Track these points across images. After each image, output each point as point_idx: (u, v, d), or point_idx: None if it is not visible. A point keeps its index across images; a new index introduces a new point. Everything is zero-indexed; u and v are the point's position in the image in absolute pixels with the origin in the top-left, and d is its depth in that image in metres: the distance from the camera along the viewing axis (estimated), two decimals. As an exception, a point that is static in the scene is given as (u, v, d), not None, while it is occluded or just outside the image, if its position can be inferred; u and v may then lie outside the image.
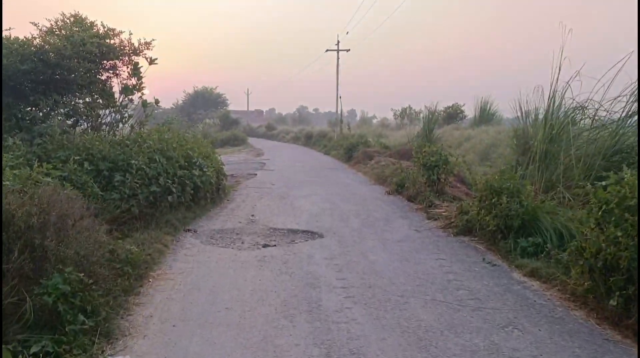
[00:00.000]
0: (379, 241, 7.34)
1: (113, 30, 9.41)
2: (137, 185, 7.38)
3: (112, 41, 9.60)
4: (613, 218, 4.31)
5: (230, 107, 74.73)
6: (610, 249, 4.24)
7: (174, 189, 7.96)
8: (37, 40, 8.18)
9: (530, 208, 6.72)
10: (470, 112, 33.95)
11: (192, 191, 8.67)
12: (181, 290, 5.18)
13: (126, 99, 10.21)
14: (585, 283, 4.66)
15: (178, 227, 7.74)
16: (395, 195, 11.94)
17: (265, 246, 7.15)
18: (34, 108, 8.29)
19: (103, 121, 9.91)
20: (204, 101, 63.95)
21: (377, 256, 6.51)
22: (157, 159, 7.97)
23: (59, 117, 8.51)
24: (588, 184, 5.58)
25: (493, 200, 6.91)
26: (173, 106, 71.61)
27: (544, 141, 8.49)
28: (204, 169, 9.03)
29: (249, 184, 14.16)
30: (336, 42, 33.33)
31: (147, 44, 9.98)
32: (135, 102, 10.61)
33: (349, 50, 33.31)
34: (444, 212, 9.00)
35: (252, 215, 9.37)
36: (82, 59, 8.63)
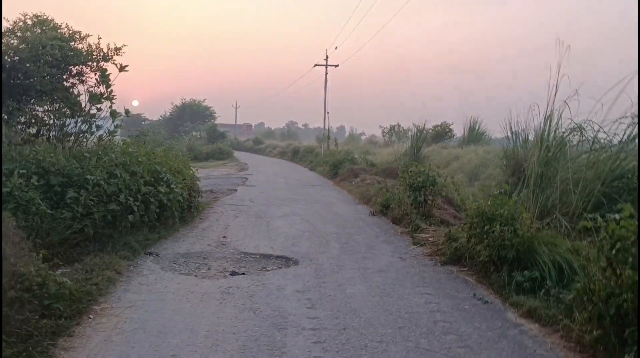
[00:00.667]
0: (359, 271, 6.63)
1: (79, 33, 8.72)
2: (93, 203, 6.63)
3: (78, 45, 8.92)
4: (630, 259, 3.65)
5: (219, 121, 73.99)
6: (628, 295, 3.58)
7: (135, 208, 7.21)
8: (-11, 40, 7.43)
9: (526, 237, 6.06)
10: (459, 131, 33.66)
11: (157, 210, 7.92)
12: (124, 329, 4.42)
13: (93, 107, 9.49)
14: (595, 332, 3.98)
15: (138, 250, 6.97)
16: (380, 216, 11.26)
17: (233, 274, 6.42)
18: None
19: (69, 131, 9.18)
20: (192, 114, 63.14)
21: (355, 289, 5.79)
22: (119, 175, 7.22)
23: (17, 126, 7.72)
24: (595, 215, 4.93)
25: (485, 228, 6.25)
26: (160, 117, 70.90)
27: (538, 163, 7.88)
28: (172, 186, 8.28)
29: (227, 201, 13.41)
30: (325, 57, 32.87)
31: (117, 50, 9.30)
32: (106, 112, 9.86)
33: (337, 65, 32.85)
34: (430, 237, 8.32)
35: (224, 236, 8.62)
36: (42, 63, 7.91)
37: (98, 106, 9.57)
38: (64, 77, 8.67)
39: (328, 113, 33.05)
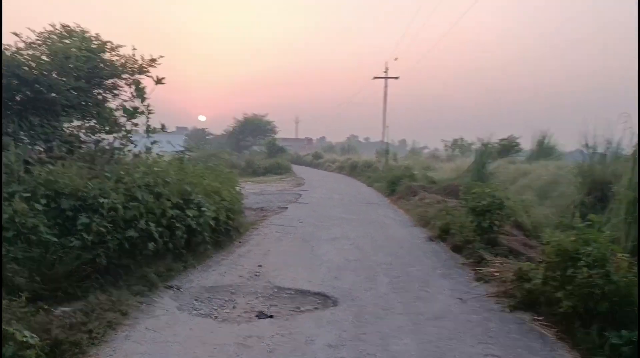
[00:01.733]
0: (409, 317, 5.48)
1: (110, 43, 8.12)
2: (107, 229, 5.86)
3: (110, 56, 8.33)
4: None
5: (280, 135, 74.22)
6: None
7: (157, 235, 6.39)
8: (9, 52, 6.90)
9: (623, 284, 4.73)
10: (526, 144, 31.56)
11: (185, 236, 7.09)
12: (105, 399, 3.52)
13: (129, 122, 8.88)
14: None
15: (156, 283, 6.14)
16: (439, 242, 10.01)
17: (259, 316, 5.45)
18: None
19: (103, 148, 8.60)
20: (253, 129, 63.42)
21: (402, 345, 4.67)
22: (140, 197, 6.44)
23: (32, 146, 7.13)
24: None
25: (568, 271, 4.97)
26: (224, 132, 71.86)
27: (632, 187, 6.45)
28: (203, 209, 7.44)
29: (274, 221, 12.53)
30: (384, 69, 31.76)
31: (153, 61, 8.66)
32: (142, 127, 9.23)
33: (398, 77, 31.65)
34: (497, 272, 7.03)
35: (260, 265, 7.69)
36: (68, 76, 7.33)
37: (134, 121, 8.99)
38: (95, 90, 8.05)
39: (387, 127, 31.86)
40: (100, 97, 8.23)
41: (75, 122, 7.91)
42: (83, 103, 8.03)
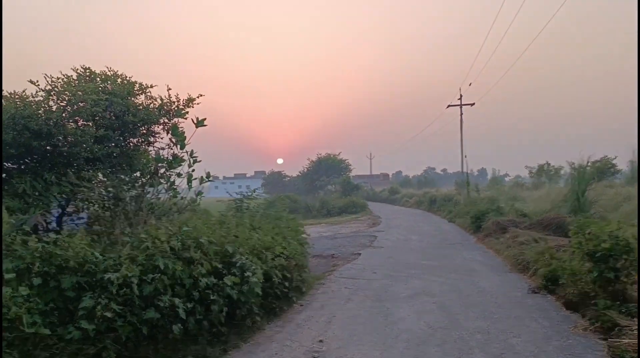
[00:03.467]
0: None
1: (138, 84, 7.08)
2: (116, 313, 4.55)
3: (144, 100, 7.28)
4: None
5: (354, 173, 73.11)
6: None
7: (183, 313, 5.01)
8: (20, 102, 5.94)
9: None
10: (621, 165, 28.33)
11: (224, 309, 5.66)
12: None
13: (169, 173, 7.77)
14: None
15: (183, 379, 4.71)
16: (544, 295, 7.98)
17: None
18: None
19: (149, 200, 7.51)
20: (327, 168, 62.66)
21: None
22: (164, 266, 5.13)
23: (46, 208, 6.07)
24: None
25: None
26: (299, 173, 71.79)
27: None
28: (247, 274, 6.00)
29: (345, 272, 10.93)
30: (458, 97, 29.76)
31: (191, 102, 7.55)
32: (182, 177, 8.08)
33: (473, 104, 29.47)
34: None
35: (320, 341, 6.09)
36: (89, 125, 6.30)
37: (175, 170, 7.88)
38: (125, 139, 6.99)
39: (465, 156, 29.58)
40: (131, 146, 7.12)
41: (100, 177, 6.80)
42: (114, 155, 6.97)
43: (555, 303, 7.49)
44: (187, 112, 7.68)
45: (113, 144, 6.72)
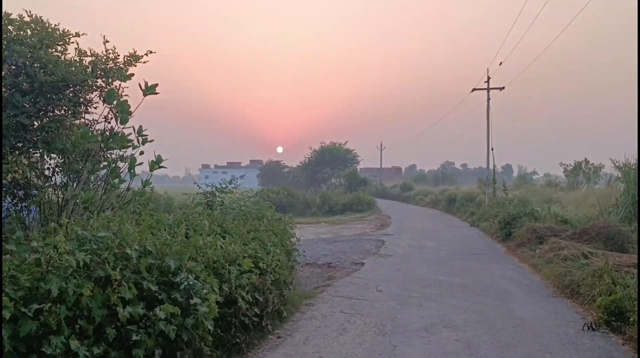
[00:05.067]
0: None
1: (62, 32, 5.72)
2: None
3: (70, 55, 5.93)
4: None
5: (362, 165, 71.78)
6: None
7: (83, 366, 3.65)
8: None
9: None
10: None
11: (156, 356, 4.30)
12: None
13: (106, 155, 6.50)
14: None
15: None
16: (606, 334, 6.62)
17: None
18: None
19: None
20: (332, 159, 61.31)
21: None
22: (60, 290, 3.77)
23: None
24: None
25: None
26: (300, 164, 70.50)
27: None
28: (194, 300, 4.62)
29: (342, 289, 9.61)
30: (485, 79, 28.25)
31: (134, 59, 6.20)
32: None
33: (503, 88, 27.93)
34: None
35: (296, 400, 4.75)
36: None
37: (120, 152, 6.59)
38: (43, 107, 5.65)
39: (492, 149, 28.12)
40: (51, 116, 5.77)
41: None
42: (30, 127, 5.63)
43: (623, 348, 6.12)
44: (132, 75, 6.34)
45: (23, 114, 5.36)
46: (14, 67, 5.31)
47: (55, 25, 6.02)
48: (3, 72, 5.11)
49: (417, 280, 10.44)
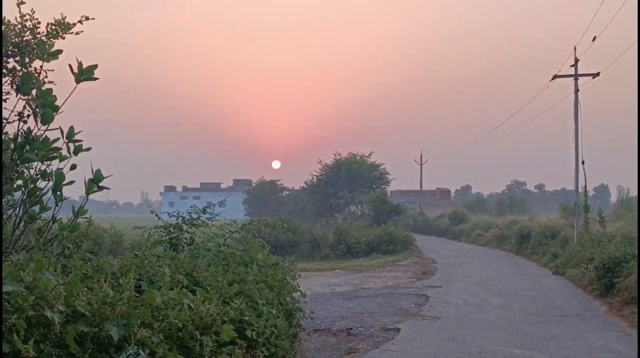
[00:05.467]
0: None
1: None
2: None
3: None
4: None
5: (396, 186, 72.06)
6: None
7: None
8: None
9: None
10: None
11: None
12: None
13: (21, 169, 6.40)
14: None
15: None
16: None
17: None
18: None
19: None
20: (351, 177, 61.61)
21: None
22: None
23: None
24: None
25: None
26: (305, 185, 70.71)
27: None
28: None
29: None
30: (572, 62, 28.15)
31: (63, 28, 6.10)
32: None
33: (597, 74, 27.81)
34: None
35: None
36: None
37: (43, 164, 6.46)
38: None
39: (583, 163, 27.90)
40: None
41: None
42: None
43: None
44: (59, 53, 6.21)
45: None
46: None
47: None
48: None
49: (479, 354, 10.21)
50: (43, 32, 6.19)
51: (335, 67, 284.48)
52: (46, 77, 6.32)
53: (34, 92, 6.08)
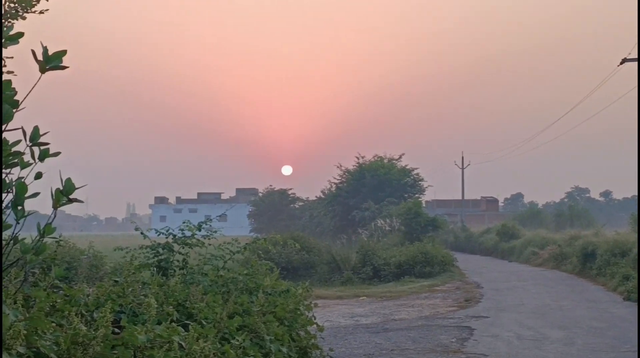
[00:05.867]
0: None
1: None
2: None
3: None
4: None
5: (432, 195, 71.84)
6: None
7: None
8: None
9: None
10: None
11: None
12: None
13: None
14: None
15: None
16: None
17: None
18: None
19: None
20: (377, 184, 61.62)
21: None
22: None
23: None
24: None
25: None
26: (321, 195, 70.74)
27: None
28: None
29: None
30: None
31: (22, 4, 6.08)
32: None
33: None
34: None
35: None
36: None
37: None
38: None
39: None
40: None
41: None
42: None
43: None
44: (21, 36, 6.16)
45: None
46: None
47: None
48: None
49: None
50: (-1, 11, 6.14)
51: (356, 49, 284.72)
52: (5, 66, 6.27)
53: (-12, 84, 6.04)
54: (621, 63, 29.06)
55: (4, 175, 6.36)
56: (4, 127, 6.09)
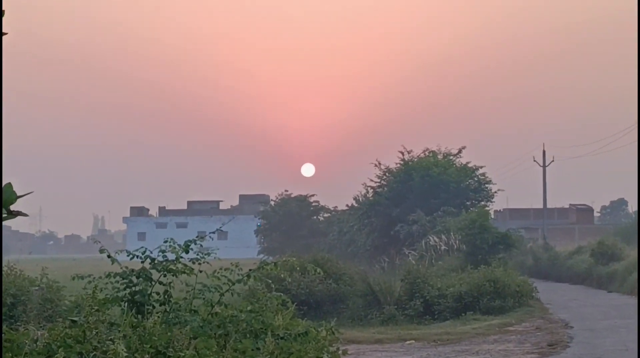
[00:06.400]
0: None
1: None
2: None
3: None
4: None
5: (503, 203, 71.50)
6: None
7: None
8: None
9: None
10: None
11: None
12: None
13: None
14: None
15: None
16: None
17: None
18: None
19: None
20: (427, 188, 61.33)
21: None
22: None
23: None
24: None
25: None
26: (354, 202, 70.62)
27: None
28: None
29: None
30: None
31: None
32: None
33: None
34: None
35: None
36: None
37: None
38: None
39: None
40: None
41: None
42: None
43: None
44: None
45: None
46: None
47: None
48: None
49: None
50: None
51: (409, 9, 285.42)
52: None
53: None
54: None
55: None
56: None
